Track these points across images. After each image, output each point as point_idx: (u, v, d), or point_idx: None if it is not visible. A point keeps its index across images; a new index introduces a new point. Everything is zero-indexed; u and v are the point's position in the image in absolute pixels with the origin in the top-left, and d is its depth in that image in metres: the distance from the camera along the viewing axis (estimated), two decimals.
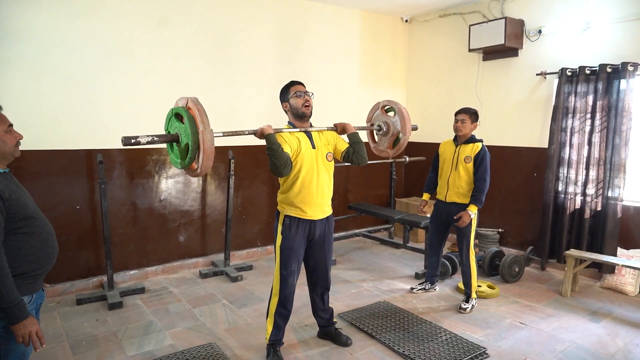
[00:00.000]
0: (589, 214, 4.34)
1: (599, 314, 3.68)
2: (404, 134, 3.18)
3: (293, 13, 5.12)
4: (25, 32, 3.66)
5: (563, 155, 4.53)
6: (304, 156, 2.71)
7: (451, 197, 3.80)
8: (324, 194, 2.83)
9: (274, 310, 2.86)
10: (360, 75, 5.79)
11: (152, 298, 3.96)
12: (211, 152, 2.25)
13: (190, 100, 2.31)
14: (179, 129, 2.34)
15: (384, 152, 3.37)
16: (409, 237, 4.92)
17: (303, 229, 2.79)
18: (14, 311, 1.77)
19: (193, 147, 2.26)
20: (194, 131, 2.24)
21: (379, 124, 3.28)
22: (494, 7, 5.12)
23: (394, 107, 3.23)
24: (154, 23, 4.24)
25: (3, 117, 1.88)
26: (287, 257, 2.79)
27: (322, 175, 2.79)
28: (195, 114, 2.26)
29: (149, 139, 2.21)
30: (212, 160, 2.28)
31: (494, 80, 5.19)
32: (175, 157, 2.43)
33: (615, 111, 4.12)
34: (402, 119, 3.16)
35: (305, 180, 2.73)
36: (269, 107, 4.98)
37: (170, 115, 2.42)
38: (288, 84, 2.84)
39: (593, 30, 4.33)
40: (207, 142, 2.23)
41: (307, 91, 2.80)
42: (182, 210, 4.60)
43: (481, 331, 3.36)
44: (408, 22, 6.10)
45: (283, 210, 2.82)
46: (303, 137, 2.76)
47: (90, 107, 4.01)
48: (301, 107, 2.75)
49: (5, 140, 1.87)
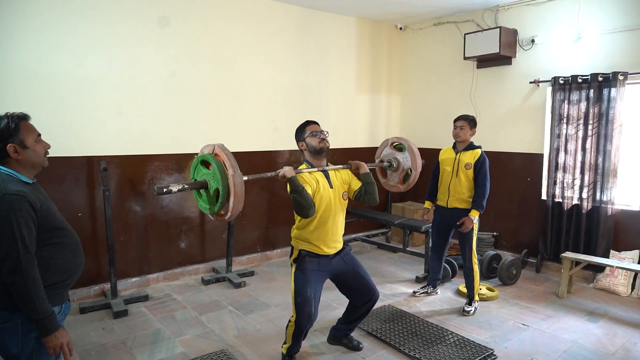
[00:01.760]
0: (582, 217, 4.50)
1: (595, 314, 3.82)
2: (415, 169, 3.30)
3: (292, 20, 5.16)
4: (25, 36, 3.62)
5: (558, 161, 4.68)
6: (322, 196, 2.75)
7: (452, 203, 3.89)
8: (338, 231, 2.89)
9: (292, 334, 2.88)
10: (357, 82, 5.87)
11: (156, 305, 3.93)
12: (241, 195, 2.27)
13: (216, 147, 2.35)
14: (207, 176, 2.37)
15: (394, 187, 3.51)
16: (408, 241, 5.00)
17: (317, 262, 2.83)
18: (45, 323, 1.77)
19: (224, 191, 2.27)
20: (223, 176, 2.26)
21: (389, 160, 3.39)
22: (487, 16, 5.27)
23: (404, 143, 3.36)
24: (157, 29, 4.23)
25: (32, 127, 1.88)
26: (303, 282, 2.78)
27: (338, 214, 2.85)
28: (224, 159, 2.29)
29: (180, 187, 2.24)
30: (243, 203, 2.29)
31: (489, 88, 5.33)
32: (204, 204, 2.44)
33: (607, 118, 4.29)
34: (413, 155, 3.28)
35: (322, 219, 2.78)
36: (268, 112, 5.01)
37: (196, 164, 2.45)
38: (303, 124, 2.88)
39: (584, 41, 4.50)
40: (238, 186, 2.25)
41: (322, 130, 2.85)
42: (183, 217, 4.58)
43: (486, 333, 3.45)
44: (402, 30, 6.21)
45: (298, 245, 2.87)
46: (321, 177, 2.80)
47: (92, 113, 3.97)
48: (318, 144, 2.79)
49: (36, 150, 1.87)
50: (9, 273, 1.70)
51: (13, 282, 1.70)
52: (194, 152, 4.58)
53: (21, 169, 1.83)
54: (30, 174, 1.88)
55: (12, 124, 1.79)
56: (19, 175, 1.81)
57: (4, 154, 1.79)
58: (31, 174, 1.88)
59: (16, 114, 1.84)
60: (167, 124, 4.38)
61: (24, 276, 1.70)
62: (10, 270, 1.70)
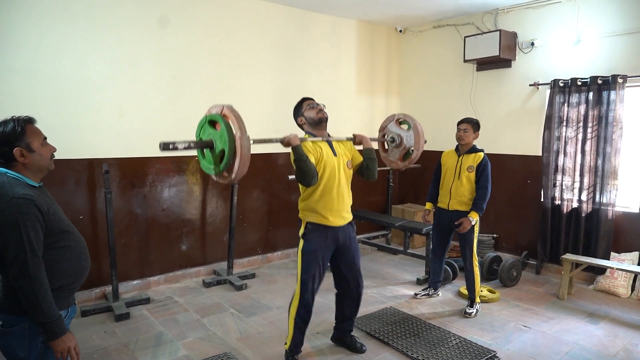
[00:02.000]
0: (582, 219, 4.52)
1: (596, 315, 3.84)
2: (417, 149, 3.28)
3: (293, 23, 5.17)
4: (27, 39, 3.61)
5: (557, 163, 4.70)
6: (326, 163, 2.78)
7: (453, 206, 3.89)
8: (345, 200, 2.90)
9: (295, 313, 2.90)
10: (357, 84, 5.88)
11: (158, 308, 3.92)
12: (247, 158, 2.25)
13: (226, 108, 2.30)
14: (213, 136, 2.32)
15: (393, 162, 3.46)
16: (409, 243, 5.01)
17: (325, 235, 2.84)
18: (53, 327, 1.77)
19: (229, 153, 2.24)
20: (230, 137, 2.23)
21: (393, 136, 3.36)
22: (487, 19, 5.30)
23: (410, 122, 3.33)
24: (158, 31, 4.23)
25: (38, 131, 1.87)
26: (309, 260, 2.83)
27: (342, 182, 2.86)
28: (232, 121, 2.25)
29: (186, 145, 2.20)
30: (248, 166, 2.28)
31: (488, 90, 5.36)
32: (207, 164, 2.40)
33: (606, 121, 4.31)
34: (417, 135, 3.26)
35: (326, 187, 2.79)
36: (269, 114, 5.01)
37: (203, 122, 2.40)
38: (299, 101, 2.97)
39: (584, 44, 4.53)
40: (244, 149, 2.22)
41: (318, 103, 2.94)
42: (184, 219, 4.58)
43: (488, 335, 3.46)
44: (402, 33, 6.23)
45: (305, 217, 2.87)
46: (324, 145, 2.83)
47: (94, 115, 3.97)
48: (316, 115, 2.87)
49: (42, 153, 1.86)
50: (17, 277, 1.70)
51: (21, 286, 1.70)
52: (194, 154, 4.58)
53: (27, 173, 1.83)
54: (37, 177, 1.88)
55: (18, 127, 1.79)
56: (25, 178, 1.81)
57: (11, 157, 1.79)
58: (37, 178, 1.88)
59: (22, 117, 1.83)
60: (167, 126, 4.38)
61: (31, 280, 1.70)
62: (18, 274, 1.70)
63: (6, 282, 1.81)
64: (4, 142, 1.77)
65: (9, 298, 1.80)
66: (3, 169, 1.80)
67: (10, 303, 1.79)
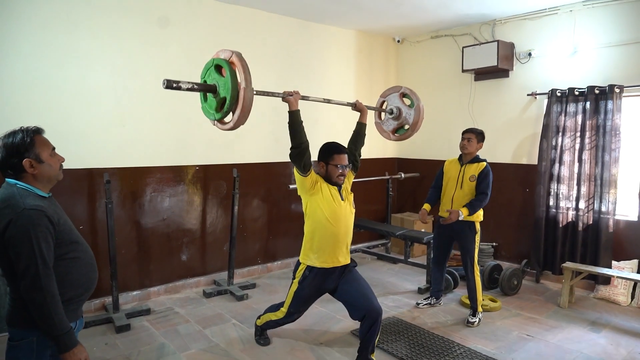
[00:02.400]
0: (581, 227, 4.55)
1: (597, 324, 3.85)
2: (412, 129, 3.28)
3: (293, 33, 5.21)
4: (29, 49, 3.60)
5: (553, 172, 4.74)
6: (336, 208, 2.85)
7: None
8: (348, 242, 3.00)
9: (270, 319, 3.22)
10: (355, 93, 5.91)
11: (159, 319, 3.88)
12: (248, 110, 2.22)
13: (234, 55, 2.24)
14: (218, 81, 2.28)
15: (385, 133, 3.48)
16: (410, 252, 5.01)
17: (323, 280, 2.93)
18: (64, 339, 1.75)
19: (231, 102, 2.20)
20: (234, 86, 2.19)
21: (392, 108, 3.34)
22: (484, 30, 5.36)
23: (414, 100, 3.29)
24: (160, 41, 4.24)
25: (47, 141, 1.86)
26: (300, 300, 3.02)
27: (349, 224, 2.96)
28: (239, 69, 2.19)
29: (189, 86, 2.17)
30: (247, 118, 2.25)
31: (486, 100, 5.41)
32: (208, 108, 2.36)
33: (604, 130, 4.36)
34: (417, 116, 3.24)
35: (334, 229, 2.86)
36: (268, 123, 5.01)
37: (209, 65, 2.34)
38: (333, 148, 2.90)
39: (581, 54, 4.59)
40: (247, 100, 2.18)
41: (346, 165, 2.89)
42: (184, 229, 4.55)
43: (492, 344, 3.46)
44: (400, 43, 6.29)
45: (306, 260, 2.94)
46: (334, 191, 2.90)
47: (96, 125, 3.95)
48: (336, 177, 2.88)
49: (51, 164, 1.85)
50: (28, 289, 1.68)
51: (32, 298, 1.68)
52: (196, 164, 4.58)
53: (37, 184, 1.82)
54: (46, 188, 1.86)
55: (27, 138, 1.78)
56: (35, 189, 1.80)
57: (20, 168, 1.77)
58: (47, 188, 1.87)
59: (31, 128, 1.82)
60: (169, 137, 4.37)
61: (43, 292, 1.68)
62: (30, 286, 1.67)
63: (14, 295, 1.78)
64: (14, 153, 1.76)
65: (17, 311, 1.77)
66: (12, 180, 1.79)
67: (19, 316, 1.77)
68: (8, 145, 1.75)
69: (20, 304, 1.74)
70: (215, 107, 2.30)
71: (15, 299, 1.77)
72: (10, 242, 1.68)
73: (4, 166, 1.78)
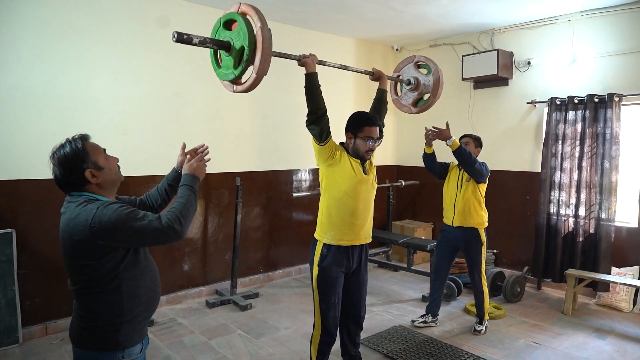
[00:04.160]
0: (582, 234, 4.59)
1: (602, 331, 3.87)
2: (434, 96, 3.08)
3: (292, 41, 5.21)
4: (31, 57, 3.55)
5: (554, 179, 4.78)
6: (358, 181, 2.64)
7: (457, 221, 3.87)
8: (370, 220, 2.79)
9: (318, 342, 2.76)
10: (354, 102, 5.92)
11: (163, 331, 3.82)
12: (269, 52, 2.03)
13: (242, 4, 2.11)
14: (230, 35, 2.15)
15: (405, 107, 3.31)
16: (413, 260, 5.00)
17: (342, 260, 2.69)
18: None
19: (250, 47, 2.03)
20: (250, 30, 2.04)
21: (409, 78, 3.17)
22: (483, 39, 5.42)
23: (431, 66, 3.13)
24: (162, 49, 4.21)
25: (97, 146, 1.75)
26: (326, 290, 2.69)
27: (370, 200, 2.76)
28: (251, 14, 2.07)
29: (201, 39, 2.06)
30: (269, 64, 2.06)
31: (486, 108, 5.45)
32: (225, 70, 2.21)
33: (604, 138, 4.42)
34: (437, 81, 3.05)
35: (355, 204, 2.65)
36: (269, 132, 5.00)
37: (217, 27, 2.21)
38: (364, 118, 2.69)
39: (580, 63, 4.66)
40: (267, 40, 2.01)
41: (378, 138, 2.68)
42: (186, 238, 4.50)
43: (500, 352, 3.46)
44: (399, 51, 6.33)
45: (322, 237, 2.71)
46: (356, 164, 2.68)
47: (98, 134, 3.86)
48: (364, 151, 2.66)
49: (110, 167, 1.74)
50: (171, 236, 1.62)
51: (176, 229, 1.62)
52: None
53: (103, 192, 1.70)
54: (112, 194, 1.76)
55: (78, 148, 1.65)
56: (103, 198, 1.68)
57: (83, 181, 1.65)
58: (112, 194, 1.77)
59: (76, 136, 1.70)
60: (171, 145, 4.32)
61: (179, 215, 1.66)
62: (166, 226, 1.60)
63: (82, 312, 1.65)
64: (72, 167, 1.63)
65: (85, 332, 1.65)
66: (77, 192, 1.67)
67: (86, 337, 1.65)
68: (62, 160, 1.63)
69: (87, 324, 1.63)
70: (233, 64, 2.16)
71: (82, 316, 1.66)
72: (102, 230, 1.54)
73: (66, 184, 1.65)
